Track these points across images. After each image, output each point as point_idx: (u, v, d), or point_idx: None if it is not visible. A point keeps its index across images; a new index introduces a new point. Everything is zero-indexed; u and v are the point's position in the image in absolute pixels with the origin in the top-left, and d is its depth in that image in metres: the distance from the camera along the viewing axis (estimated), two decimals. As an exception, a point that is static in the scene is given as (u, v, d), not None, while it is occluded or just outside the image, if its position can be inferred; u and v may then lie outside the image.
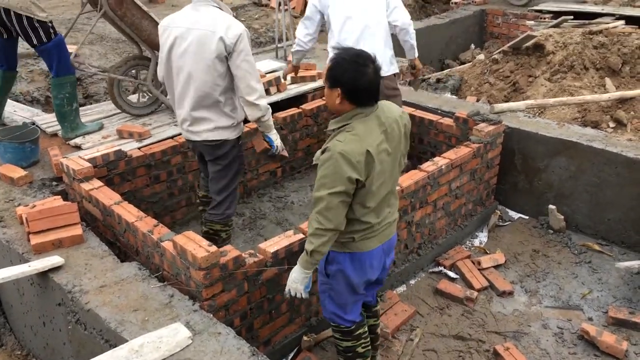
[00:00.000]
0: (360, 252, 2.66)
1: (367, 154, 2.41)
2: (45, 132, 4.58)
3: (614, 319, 3.62)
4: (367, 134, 2.44)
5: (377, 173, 2.48)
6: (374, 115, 2.51)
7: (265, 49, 7.33)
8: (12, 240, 3.27)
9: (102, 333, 2.65)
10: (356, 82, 2.41)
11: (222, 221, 3.70)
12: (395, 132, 2.56)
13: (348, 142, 2.40)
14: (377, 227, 2.64)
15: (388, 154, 2.54)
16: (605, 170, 4.27)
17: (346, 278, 2.71)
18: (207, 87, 3.33)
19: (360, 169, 2.40)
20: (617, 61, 5.81)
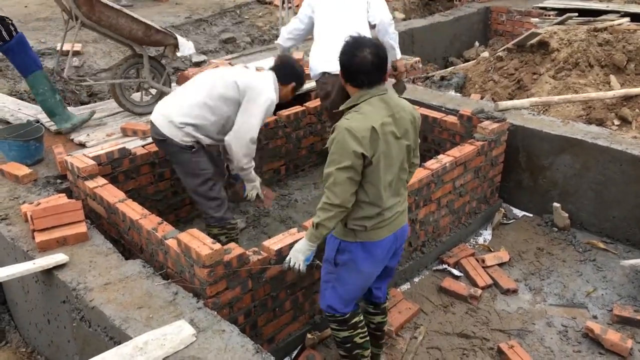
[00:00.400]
0: (372, 242, 2.67)
1: (372, 130, 2.45)
2: (49, 130, 4.59)
3: (618, 317, 3.61)
4: (372, 113, 2.51)
5: (382, 152, 2.51)
6: (381, 99, 2.56)
7: (269, 47, 7.32)
8: (16, 237, 3.28)
9: (106, 330, 2.65)
10: (351, 64, 2.53)
11: (217, 224, 3.71)
12: (404, 119, 2.61)
13: (354, 120, 2.49)
14: (388, 214, 2.65)
15: (395, 137, 2.57)
16: (610, 167, 4.25)
17: (357, 268, 2.72)
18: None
19: (365, 144, 2.44)
20: (622, 58, 5.78)
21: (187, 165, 3.59)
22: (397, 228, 2.74)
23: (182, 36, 7.59)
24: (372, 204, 2.59)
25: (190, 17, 8.03)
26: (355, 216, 2.61)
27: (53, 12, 7.77)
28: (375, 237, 2.67)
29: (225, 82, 3.52)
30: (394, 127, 2.56)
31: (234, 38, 7.99)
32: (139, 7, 8.40)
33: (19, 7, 8.12)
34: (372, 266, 2.75)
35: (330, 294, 2.84)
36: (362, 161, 2.47)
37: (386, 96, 2.59)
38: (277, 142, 4.97)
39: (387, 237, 2.70)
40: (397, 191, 2.70)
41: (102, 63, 6.54)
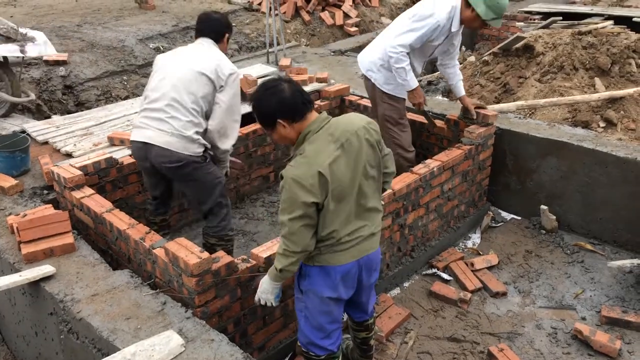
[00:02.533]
0: (331, 266, 2.57)
1: (319, 175, 2.37)
2: (35, 140, 4.55)
3: (607, 318, 3.63)
4: (317, 155, 2.42)
5: (334, 191, 2.42)
6: (324, 132, 2.48)
7: (256, 54, 7.33)
8: (3, 249, 3.25)
9: (94, 342, 2.63)
10: (281, 103, 2.47)
11: (219, 234, 3.67)
12: (354, 144, 2.49)
13: (298, 166, 2.41)
14: (346, 239, 2.54)
15: (349, 168, 2.48)
16: (596, 170, 4.29)
17: (318, 294, 2.63)
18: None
19: (315, 191, 2.37)
20: (607, 61, 5.84)
21: (204, 179, 3.50)
22: (361, 255, 2.61)
23: (170, 44, 7.61)
24: (323, 235, 2.50)
25: (177, 25, 8.03)
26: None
27: (39, 22, 7.74)
28: (332, 261, 2.56)
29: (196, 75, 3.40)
30: (344, 158, 2.46)
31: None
32: (126, 15, 8.38)
33: (4, 16, 8.05)
34: (332, 292, 2.62)
35: (305, 325, 2.76)
36: (314, 208, 2.41)
37: (331, 125, 2.51)
38: (266, 148, 4.97)
39: (346, 264, 2.58)
40: (358, 215, 2.58)
41: (88, 72, 6.52)
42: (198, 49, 3.54)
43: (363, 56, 4.43)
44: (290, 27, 8.82)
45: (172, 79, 3.39)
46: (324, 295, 2.63)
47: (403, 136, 4.37)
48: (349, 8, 9.66)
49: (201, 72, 3.36)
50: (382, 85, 4.27)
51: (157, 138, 3.35)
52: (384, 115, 4.32)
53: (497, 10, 3.96)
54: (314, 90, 5.50)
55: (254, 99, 2.56)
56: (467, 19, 4.05)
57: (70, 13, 8.39)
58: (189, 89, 3.36)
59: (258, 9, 9.09)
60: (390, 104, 4.31)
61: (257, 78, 5.66)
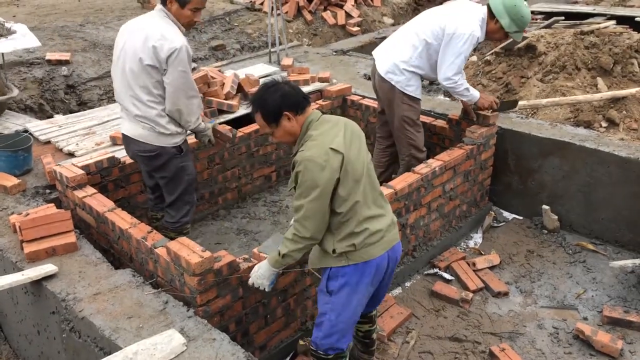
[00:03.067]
0: (365, 262, 2.61)
1: (331, 152, 2.47)
2: (38, 139, 4.56)
3: (608, 318, 3.63)
4: (325, 135, 2.54)
5: (347, 167, 2.51)
6: (323, 120, 2.63)
7: (258, 54, 7.33)
8: (5, 248, 3.25)
9: (96, 341, 2.64)
10: (284, 96, 2.58)
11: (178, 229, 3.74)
12: (354, 128, 2.67)
13: (310, 148, 2.50)
14: (374, 226, 2.60)
15: (356, 147, 2.60)
16: (598, 169, 4.28)
17: (351, 292, 2.65)
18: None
19: (330, 167, 2.46)
20: (609, 61, 5.83)
21: (175, 172, 3.57)
22: (389, 246, 2.68)
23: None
24: (351, 218, 2.55)
25: (180, 25, 8.02)
26: (341, 237, 2.57)
27: (42, 22, 7.75)
28: (366, 256, 2.60)
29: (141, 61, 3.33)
30: (351, 137, 2.59)
31: (223, 45, 8.00)
32: (128, 15, 8.39)
33: (7, 16, 8.08)
34: (367, 287, 2.68)
35: (328, 327, 2.74)
36: (332, 186, 2.47)
37: (325, 116, 2.68)
38: (268, 148, 4.98)
39: (380, 256, 2.63)
40: (375, 201, 2.66)
41: (91, 72, 6.53)
42: (145, 25, 3.36)
43: (382, 58, 4.34)
44: (293, 27, 8.82)
45: (125, 74, 3.39)
46: (359, 292, 2.66)
47: (419, 137, 4.39)
48: (351, 8, 9.66)
49: (145, 63, 3.29)
50: (404, 87, 4.24)
51: (132, 131, 3.48)
52: (403, 116, 4.30)
53: (521, 23, 4.04)
54: (316, 90, 5.51)
55: (257, 98, 2.63)
56: (491, 30, 4.12)
57: (72, 13, 8.40)
58: (139, 83, 3.35)
59: (260, 8, 9.09)
60: (410, 104, 4.30)
61: (259, 78, 5.66)
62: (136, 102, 3.39)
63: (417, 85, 4.28)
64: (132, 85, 3.38)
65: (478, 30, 4.05)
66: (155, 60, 3.27)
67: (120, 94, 3.49)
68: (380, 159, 4.77)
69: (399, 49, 4.25)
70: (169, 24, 3.35)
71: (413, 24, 4.33)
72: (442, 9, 4.30)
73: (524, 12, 4.02)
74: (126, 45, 3.39)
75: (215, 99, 4.87)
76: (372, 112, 5.21)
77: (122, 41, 3.45)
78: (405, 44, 4.23)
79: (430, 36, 4.11)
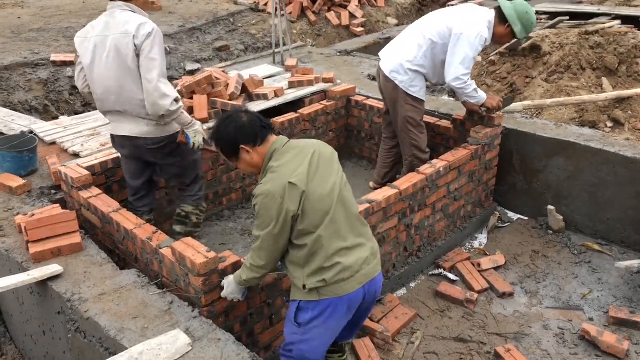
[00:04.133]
0: (337, 297, 2.51)
1: (290, 186, 2.40)
2: (43, 140, 4.58)
3: (614, 318, 3.61)
4: (285, 168, 2.47)
5: (312, 197, 2.43)
6: (289, 148, 2.56)
7: (262, 55, 7.34)
8: (11, 249, 3.26)
9: (101, 341, 2.64)
10: (240, 129, 2.54)
11: (196, 202, 3.90)
12: (324, 152, 2.59)
13: (267, 182, 2.45)
14: (347, 260, 2.49)
15: (325, 174, 2.51)
16: (603, 170, 4.27)
17: (321, 326, 2.58)
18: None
19: (287, 202, 2.39)
20: (614, 61, 5.81)
21: (185, 151, 3.68)
22: (366, 280, 2.56)
23: (176, 45, 7.63)
24: (318, 252, 2.46)
25: (184, 26, 8.05)
26: (310, 271, 2.48)
27: (46, 23, 7.78)
28: (339, 291, 2.50)
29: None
30: (317, 165, 2.50)
31: (227, 46, 8.01)
32: (132, 16, 8.41)
33: (12, 18, 8.13)
34: (335, 323, 2.59)
35: (295, 355, 2.69)
36: (289, 220, 2.41)
37: (292, 143, 2.60)
38: (272, 149, 4.97)
39: (354, 291, 2.52)
40: (352, 229, 2.55)
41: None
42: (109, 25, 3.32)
43: (387, 58, 4.35)
44: (297, 28, 8.83)
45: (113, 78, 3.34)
46: (330, 327, 2.59)
47: (422, 138, 4.39)
48: (355, 8, 9.66)
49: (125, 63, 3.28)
50: (407, 88, 4.24)
51: (136, 130, 3.50)
52: (406, 117, 4.31)
53: (530, 29, 4.12)
54: (320, 91, 5.51)
55: (214, 131, 2.62)
56: (500, 34, 4.13)
57: (77, 14, 8.42)
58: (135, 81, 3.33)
59: (264, 9, 9.10)
60: (413, 105, 4.30)
61: (263, 78, 5.66)
62: (135, 100, 3.37)
63: (420, 86, 4.28)
64: (126, 86, 3.35)
65: (486, 32, 4.05)
66: (130, 50, 3.26)
67: (110, 100, 3.43)
68: (385, 160, 4.77)
69: (404, 48, 4.26)
70: (139, 15, 3.38)
71: (419, 24, 4.33)
72: (449, 11, 4.30)
73: (534, 19, 4.09)
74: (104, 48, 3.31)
75: (220, 100, 4.87)
76: (377, 113, 5.21)
77: (93, 47, 3.35)
78: (410, 44, 4.23)
79: (436, 35, 4.11)
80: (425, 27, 4.22)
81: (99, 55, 3.35)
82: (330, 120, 5.37)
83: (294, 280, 2.57)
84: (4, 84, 6.03)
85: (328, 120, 5.34)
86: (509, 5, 4.10)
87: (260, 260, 2.54)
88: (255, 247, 2.54)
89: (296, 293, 2.59)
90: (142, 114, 3.43)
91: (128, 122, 3.50)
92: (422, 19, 4.41)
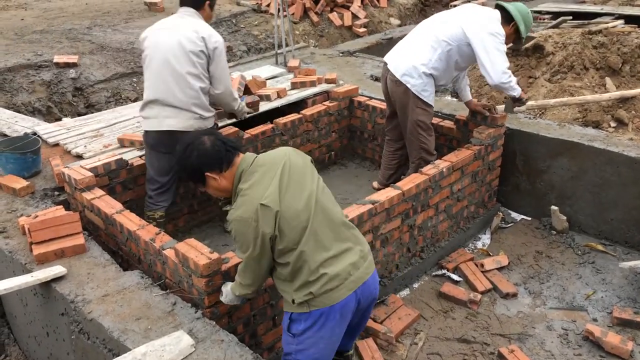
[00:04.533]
0: (329, 307, 2.44)
1: (262, 208, 2.32)
2: (46, 142, 4.58)
3: (618, 319, 3.60)
4: (255, 189, 2.38)
5: (287, 214, 2.36)
6: (256, 166, 2.46)
7: (265, 55, 7.34)
8: (14, 250, 3.27)
9: (105, 342, 2.65)
10: (203, 157, 2.45)
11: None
12: (296, 162, 2.50)
13: (239, 207, 2.39)
14: (335, 268, 2.43)
15: (299, 188, 2.43)
16: (607, 170, 4.26)
17: (315, 336, 2.51)
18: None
19: (262, 224, 2.32)
20: (617, 60, 5.80)
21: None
22: (357, 285, 2.48)
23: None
24: (302, 268, 2.39)
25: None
26: (296, 286, 2.43)
27: (49, 25, 7.80)
28: (328, 301, 2.42)
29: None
30: (289, 179, 2.41)
31: (230, 47, 8.02)
32: (135, 17, 8.43)
33: (16, 20, 8.16)
34: (330, 332, 2.51)
35: None
36: (267, 241, 2.35)
37: (260, 159, 2.50)
38: (275, 150, 4.97)
39: (345, 298, 2.45)
40: (336, 236, 2.47)
41: (98, 74, 6.56)
42: (179, 23, 3.76)
43: (397, 61, 4.30)
44: (299, 29, 8.83)
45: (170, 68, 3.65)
46: (324, 336, 2.53)
47: (431, 140, 4.39)
48: (358, 9, 9.66)
49: (194, 54, 3.65)
50: (419, 92, 4.21)
51: (179, 124, 3.71)
52: (417, 120, 4.29)
53: (529, 26, 4.20)
54: (322, 91, 5.51)
55: (177, 159, 2.54)
56: (506, 34, 4.11)
57: (80, 16, 8.45)
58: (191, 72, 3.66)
59: (266, 10, 9.11)
60: (423, 109, 4.28)
61: (266, 79, 5.67)
62: (188, 90, 3.67)
63: (431, 90, 4.27)
64: (179, 77, 3.65)
65: (501, 29, 4.06)
66: (205, 50, 3.66)
67: (163, 90, 3.69)
68: (390, 162, 4.76)
69: (416, 51, 4.21)
70: (204, 23, 3.81)
71: (427, 27, 4.31)
72: (456, 12, 4.29)
73: (532, 18, 4.21)
74: (166, 42, 3.68)
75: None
76: (379, 113, 5.20)
77: (155, 40, 3.74)
78: (423, 47, 4.19)
79: (450, 37, 4.11)
80: (437, 30, 4.19)
81: (162, 48, 3.68)
82: (333, 121, 5.37)
83: (283, 294, 2.54)
84: (7, 85, 6.05)
85: (331, 121, 5.34)
86: (512, 6, 4.11)
87: (247, 279, 2.54)
88: (240, 269, 2.55)
89: (287, 305, 2.56)
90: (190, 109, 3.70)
91: (174, 115, 3.70)
92: (428, 21, 4.39)
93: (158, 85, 3.71)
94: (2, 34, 7.37)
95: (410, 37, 4.38)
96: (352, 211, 3.48)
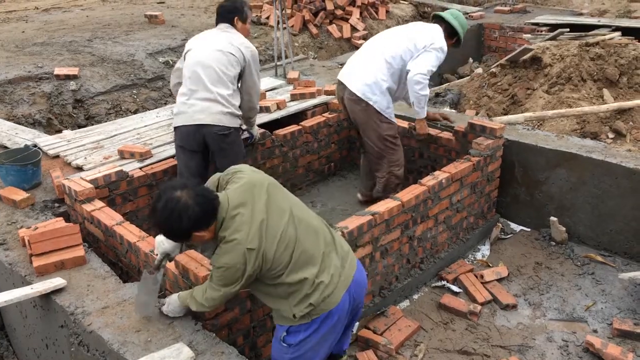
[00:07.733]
0: (327, 312, 2.51)
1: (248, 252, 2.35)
2: (47, 154, 4.60)
3: (618, 330, 3.60)
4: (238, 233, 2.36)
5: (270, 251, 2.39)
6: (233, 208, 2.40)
7: (264, 67, 7.37)
8: (14, 262, 3.27)
9: (105, 354, 2.64)
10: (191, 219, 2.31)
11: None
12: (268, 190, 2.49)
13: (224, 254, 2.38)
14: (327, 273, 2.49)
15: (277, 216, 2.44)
16: (605, 181, 4.27)
17: (312, 343, 2.56)
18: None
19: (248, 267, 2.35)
20: (615, 72, 5.84)
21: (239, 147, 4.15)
22: (347, 285, 2.56)
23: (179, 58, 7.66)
24: (297, 286, 2.45)
25: (187, 39, 8.08)
26: (296, 301, 2.47)
27: (50, 37, 7.84)
28: (327, 307, 2.50)
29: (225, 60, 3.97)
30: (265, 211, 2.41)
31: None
32: (135, 30, 8.48)
33: (16, 32, 8.20)
34: (332, 334, 2.60)
35: None
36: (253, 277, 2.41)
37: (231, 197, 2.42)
38: (274, 161, 4.99)
39: (341, 300, 2.53)
40: (318, 244, 2.52)
41: (99, 86, 6.59)
42: (217, 34, 4.09)
43: (355, 78, 4.33)
44: (298, 41, 8.88)
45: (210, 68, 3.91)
46: (322, 341, 2.57)
47: (399, 152, 4.48)
48: (356, 21, 9.72)
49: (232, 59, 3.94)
50: (383, 110, 4.31)
51: (210, 118, 3.91)
52: (385, 135, 4.36)
53: (464, 33, 4.45)
54: (322, 103, 5.53)
55: (158, 222, 2.37)
56: (447, 45, 4.36)
57: (81, 28, 8.49)
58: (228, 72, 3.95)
59: (266, 22, 9.16)
60: (388, 123, 4.39)
61: (266, 91, 5.69)
62: (222, 89, 3.91)
63: (392, 106, 4.42)
64: (217, 77, 3.91)
65: (445, 46, 4.30)
66: (241, 57, 3.97)
67: (199, 86, 3.92)
68: (369, 172, 4.81)
69: (374, 68, 4.29)
70: (240, 35, 4.12)
71: (380, 44, 4.41)
72: (405, 29, 4.49)
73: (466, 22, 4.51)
74: (208, 46, 3.99)
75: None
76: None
77: (198, 45, 4.06)
78: (379, 63, 4.28)
79: (405, 52, 4.25)
80: (392, 46, 4.31)
81: (201, 51, 3.98)
82: (333, 132, 5.39)
83: (280, 312, 2.54)
84: (8, 97, 6.07)
85: (330, 132, 5.37)
86: (452, 17, 4.35)
87: (214, 302, 2.52)
88: (211, 296, 2.48)
89: (284, 320, 2.55)
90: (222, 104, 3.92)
91: (208, 111, 3.90)
92: (380, 37, 4.52)
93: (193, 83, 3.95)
94: (3, 46, 7.40)
95: (364, 55, 4.46)
96: (352, 222, 3.49)
